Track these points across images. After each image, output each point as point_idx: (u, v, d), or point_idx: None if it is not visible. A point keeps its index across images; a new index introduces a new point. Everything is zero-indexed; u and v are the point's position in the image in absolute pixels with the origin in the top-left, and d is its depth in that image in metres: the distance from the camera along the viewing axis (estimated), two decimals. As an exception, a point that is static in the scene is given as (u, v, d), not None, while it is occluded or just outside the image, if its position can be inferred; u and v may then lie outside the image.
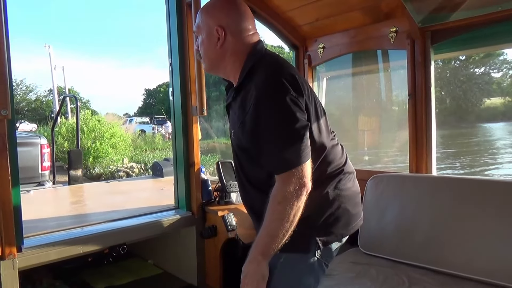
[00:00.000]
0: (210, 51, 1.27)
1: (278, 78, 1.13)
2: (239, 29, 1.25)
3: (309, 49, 2.72)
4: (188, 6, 2.02)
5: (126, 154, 13.53)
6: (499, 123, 25.78)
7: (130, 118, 28.55)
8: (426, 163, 2.13)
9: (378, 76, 2.95)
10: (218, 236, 2.01)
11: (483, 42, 2.03)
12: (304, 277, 1.22)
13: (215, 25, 1.23)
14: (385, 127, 3.24)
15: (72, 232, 1.78)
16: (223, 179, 2.15)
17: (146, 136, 20.29)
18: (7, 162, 1.46)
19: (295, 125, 1.10)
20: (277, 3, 2.44)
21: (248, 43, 1.26)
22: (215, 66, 1.31)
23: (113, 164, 12.13)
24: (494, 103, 29.20)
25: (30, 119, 27.97)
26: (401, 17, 2.14)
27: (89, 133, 12.74)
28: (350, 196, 1.28)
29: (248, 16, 1.28)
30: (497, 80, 29.76)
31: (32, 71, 60.19)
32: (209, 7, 1.28)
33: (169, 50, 2.13)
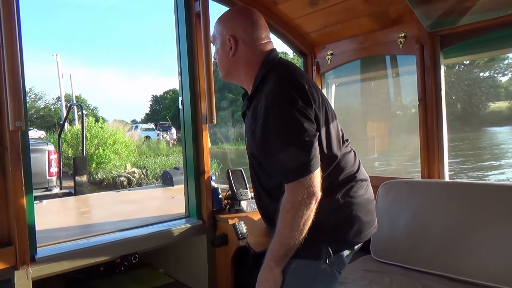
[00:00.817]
0: (224, 60, 1.32)
1: (287, 88, 1.15)
2: (251, 39, 1.29)
3: (317, 56, 2.72)
4: (197, 15, 2.04)
5: (129, 160, 13.84)
6: (504, 127, 25.87)
7: (136, 124, 29.03)
8: (438, 168, 2.11)
9: (386, 82, 2.94)
10: (229, 244, 2.01)
11: (493, 45, 2.02)
12: (315, 283, 1.22)
13: (228, 35, 1.28)
14: (395, 133, 3.22)
15: (84, 242, 1.79)
16: (233, 187, 2.15)
17: (150, 142, 20.69)
18: (21, 173, 1.48)
19: (303, 135, 1.11)
20: (284, 10, 2.46)
21: (261, 52, 1.29)
22: (229, 74, 1.36)
23: (115, 170, 12.51)
24: (499, 106, 29.41)
25: (39, 126, 28.41)
26: (409, 22, 2.13)
27: (92, 140, 13.12)
28: (362, 203, 1.27)
29: (260, 25, 1.32)
30: (502, 84, 29.95)
31: (40, 79, 61.28)
32: (223, 17, 1.34)
33: (179, 59, 2.14)
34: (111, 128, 14.97)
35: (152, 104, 41.12)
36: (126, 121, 31.30)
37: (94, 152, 12.89)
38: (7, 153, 1.47)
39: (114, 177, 11.77)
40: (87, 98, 36.14)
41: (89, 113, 33.76)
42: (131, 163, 13.68)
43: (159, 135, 25.07)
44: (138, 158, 14.90)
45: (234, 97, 29.90)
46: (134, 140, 17.75)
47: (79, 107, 15.68)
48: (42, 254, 1.59)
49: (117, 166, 13.03)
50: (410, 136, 2.44)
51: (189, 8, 2.07)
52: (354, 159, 1.32)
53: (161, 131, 26.61)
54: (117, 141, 13.67)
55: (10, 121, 1.39)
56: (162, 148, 19.30)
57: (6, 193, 1.49)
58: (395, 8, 2.16)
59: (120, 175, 11.91)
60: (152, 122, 32.09)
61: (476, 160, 13.90)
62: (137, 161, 14.10)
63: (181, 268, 2.38)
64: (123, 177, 11.69)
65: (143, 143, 19.60)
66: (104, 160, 12.77)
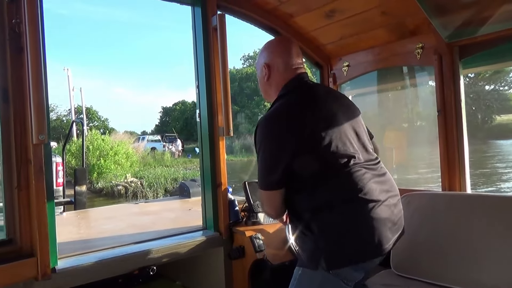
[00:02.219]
0: (261, 84, 1.56)
1: (273, 114, 1.39)
2: (283, 66, 1.48)
3: (334, 67, 2.72)
4: (214, 29, 2.07)
5: (130, 171, 14.68)
6: (510, 140, 25.94)
7: (143, 136, 29.67)
8: (459, 180, 2.06)
9: (404, 93, 2.91)
10: (246, 257, 2.00)
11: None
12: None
13: (264, 63, 1.51)
14: (414, 144, 3.17)
15: (102, 254, 1.80)
16: (250, 199, 2.14)
17: (155, 154, 21.49)
18: (43, 185, 1.52)
19: (269, 159, 1.35)
20: (301, 23, 2.47)
21: (288, 77, 1.47)
22: (266, 95, 1.57)
23: (115, 180, 13.36)
24: (505, 119, 29.91)
25: (51, 137, 28.98)
26: (427, 33, 2.12)
27: (94, 151, 14.23)
28: (364, 223, 1.26)
29: (292, 53, 1.50)
30: (509, 96, 30.62)
31: (52, 91, 62.98)
32: (263, 47, 1.56)
33: (196, 73, 2.17)
34: (115, 140, 16.09)
35: (162, 115, 41.72)
36: (136, 132, 32.59)
37: (96, 163, 13.85)
38: (30, 166, 1.51)
39: (113, 186, 12.68)
40: (98, 110, 37.04)
41: (100, 125, 34.64)
42: (132, 173, 14.44)
43: (165, 146, 25.64)
44: (141, 168, 15.67)
45: (239, 109, 30.12)
46: (139, 151, 18.82)
47: (79, 123, 16.54)
48: (63, 266, 1.62)
49: (118, 176, 13.86)
50: (429, 147, 2.40)
51: (207, 22, 2.11)
52: (365, 178, 1.30)
53: (167, 142, 27.14)
54: (118, 153, 14.67)
55: (33, 134, 1.43)
56: (167, 159, 20.12)
57: (29, 205, 1.52)
58: (412, 19, 2.15)
59: (118, 184, 12.81)
60: (158, 134, 32.65)
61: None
62: (138, 172, 14.89)
63: (198, 280, 2.37)
64: (121, 186, 12.60)
65: (148, 154, 20.35)
66: (105, 170, 13.70)
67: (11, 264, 1.46)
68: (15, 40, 1.51)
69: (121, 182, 13.18)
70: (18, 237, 1.53)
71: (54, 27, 48.18)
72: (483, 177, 12.72)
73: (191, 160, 21.33)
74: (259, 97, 32.61)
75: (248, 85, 32.79)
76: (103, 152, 14.28)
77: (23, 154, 1.53)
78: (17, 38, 1.51)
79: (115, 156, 14.52)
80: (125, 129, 34.44)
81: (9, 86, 1.52)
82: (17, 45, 1.51)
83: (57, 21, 51.13)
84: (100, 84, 65.48)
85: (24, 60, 1.49)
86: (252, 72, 35.68)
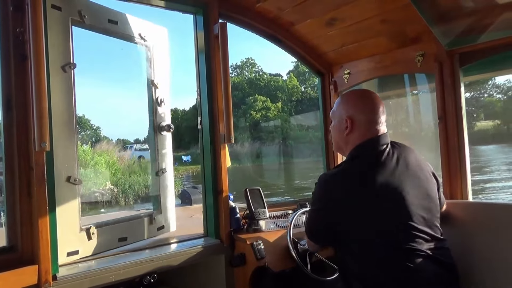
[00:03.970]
0: (338, 135, 1.55)
1: (324, 186, 1.48)
2: (366, 123, 1.49)
3: (335, 75, 2.74)
4: (216, 37, 2.09)
5: (112, 179, 15.69)
6: (490, 146, 28.03)
7: (130, 145, 29.92)
8: (461, 188, 2.05)
9: (405, 100, 2.91)
10: (247, 264, 1.99)
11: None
12: None
13: (347, 116, 1.49)
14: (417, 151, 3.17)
15: (103, 261, 1.81)
16: (251, 206, 2.14)
17: (141, 162, 21.84)
18: (45, 192, 1.53)
19: (315, 222, 1.56)
20: (302, 31, 2.49)
21: (365, 136, 1.49)
22: (339, 148, 1.60)
23: (95, 187, 14.41)
24: (485, 125, 32.35)
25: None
26: (427, 41, 2.13)
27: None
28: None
29: (378, 111, 1.50)
30: (486, 104, 33.69)
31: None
32: (347, 97, 1.57)
33: (198, 80, 2.19)
34: (97, 151, 17.64)
35: None
36: (129, 140, 33.14)
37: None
38: (32, 173, 1.52)
39: (90, 193, 13.67)
40: (90, 119, 37.12)
41: (92, 133, 34.82)
42: (112, 181, 15.48)
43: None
44: (121, 177, 16.47)
45: (236, 120, 30.32)
46: (124, 160, 20.05)
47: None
48: (64, 273, 1.62)
49: (97, 184, 14.78)
50: (431, 155, 2.39)
51: (208, 30, 2.12)
52: (406, 256, 1.39)
53: None
54: (98, 162, 15.72)
55: (36, 142, 1.44)
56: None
57: (31, 212, 1.53)
58: (412, 27, 2.16)
59: (96, 191, 14.05)
60: (146, 143, 33.09)
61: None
62: (117, 180, 15.86)
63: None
64: (98, 193, 13.96)
65: (134, 163, 20.97)
66: (85, 179, 14.26)
67: (12, 271, 1.46)
68: (19, 48, 1.53)
69: (99, 189, 14.29)
70: (19, 244, 1.53)
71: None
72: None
73: (176, 168, 21.58)
74: (245, 106, 32.79)
75: (235, 94, 33.05)
76: (83, 162, 14.97)
77: (25, 161, 1.54)
78: (21, 46, 1.53)
79: (95, 166, 15.50)
80: (118, 137, 34.76)
81: (12, 94, 1.53)
82: (21, 53, 1.53)
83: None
84: (94, 91, 65.56)
85: (28, 68, 1.50)
86: (239, 82, 35.83)
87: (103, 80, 64.36)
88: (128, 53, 2.20)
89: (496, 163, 20.00)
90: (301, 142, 29.17)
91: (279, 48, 2.59)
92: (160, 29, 2.28)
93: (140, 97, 2.22)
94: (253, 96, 34.05)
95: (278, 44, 2.54)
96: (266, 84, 36.44)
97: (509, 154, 24.75)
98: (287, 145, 29.67)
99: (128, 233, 2.04)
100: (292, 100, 36.78)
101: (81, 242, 1.81)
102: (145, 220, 2.14)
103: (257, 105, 33.00)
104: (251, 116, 32.09)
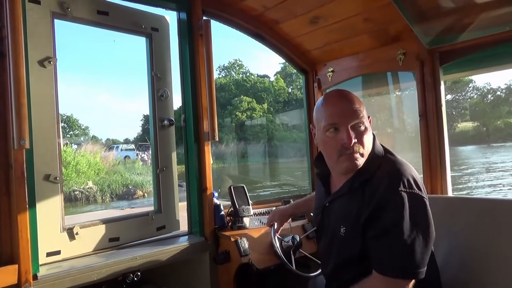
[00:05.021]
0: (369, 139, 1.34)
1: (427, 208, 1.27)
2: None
3: (319, 73, 2.76)
4: (200, 35, 2.08)
5: (94, 178, 16.48)
6: (470, 146, 29.32)
7: (116, 145, 30.27)
8: (441, 183, 2.10)
9: (388, 98, 2.95)
10: (232, 261, 2.00)
11: (492, 62, 2.04)
12: None
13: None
14: (398, 148, 3.22)
15: (86, 259, 1.79)
16: (236, 204, 2.15)
17: (126, 162, 22.76)
18: (25, 191, 1.50)
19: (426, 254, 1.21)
20: (286, 29, 2.50)
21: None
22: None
23: (76, 186, 15.45)
24: (466, 126, 33.70)
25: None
26: (409, 40, 2.16)
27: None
28: None
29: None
30: (466, 106, 35.10)
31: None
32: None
33: (182, 78, 2.18)
34: (79, 151, 18.58)
35: (144, 123, 41.59)
36: (119, 140, 33.87)
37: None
38: (12, 171, 1.49)
39: (71, 191, 14.81)
40: (79, 118, 36.88)
41: (80, 133, 34.56)
42: (94, 180, 16.21)
43: (138, 155, 26.45)
44: (103, 176, 17.11)
45: (222, 120, 30.37)
46: (109, 160, 20.61)
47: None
48: (44, 272, 1.60)
49: (79, 182, 15.71)
50: (413, 152, 2.44)
51: (192, 28, 2.11)
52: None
53: (140, 151, 27.90)
54: (80, 162, 16.56)
55: (15, 140, 1.41)
56: (137, 167, 21.35)
57: (10, 211, 1.50)
58: (394, 26, 2.19)
59: (75, 190, 15.11)
60: (139, 142, 33.42)
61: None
62: (99, 179, 16.50)
63: (183, 285, 2.36)
64: (78, 191, 15.04)
65: (119, 163, 21.67)
66: (66, 178, 15.01)
67: (-9, 271, 1.44)
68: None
69: (79, 188, 15.28)
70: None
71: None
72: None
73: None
74: (231, 106, 32.85)
75: (222, 95, 33.00)
76: (64, 162, 15.50)
77: (4, 159, 1.51)
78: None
79: (77, 166, 16.33)
80: (107, 137, 34.67)
81: (-10, 91, 1.50)
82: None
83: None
84: (83, 90, 64.21)
85: (6, 65, 1.47)
86: (226, 83, 35.85)
87: (94, 76, 63.10)
88: (123, 44, 2.13)
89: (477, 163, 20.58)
90: (286, 142, 29.32)
91: (266, 47, 2.60)
92: (160, 17, 2.17)
93: (134, 93, 2.15)
94: (239, 97, 34.05)
95: (262, 41, 2.54)
96: (252, 85, 36.43)
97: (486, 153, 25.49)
98: (272, 146, 29.79)
99: (121, 233, 1.99)
100: (279, 101, 36.84)
101: (62, 242, 1.78)
102: (142, 220, 2.08)
103: (243, 106, 32.99)
104: (236, 117, 32.12)
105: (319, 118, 1.34)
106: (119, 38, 72.76)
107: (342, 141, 1.26)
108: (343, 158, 1.28)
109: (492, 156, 23.88)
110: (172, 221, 2.21)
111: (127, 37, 2.76)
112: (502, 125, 32.82)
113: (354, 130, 1.28)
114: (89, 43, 61.35)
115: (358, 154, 1.27)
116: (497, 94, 35.10)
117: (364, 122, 1.30)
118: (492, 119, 33.13)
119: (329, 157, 1.35)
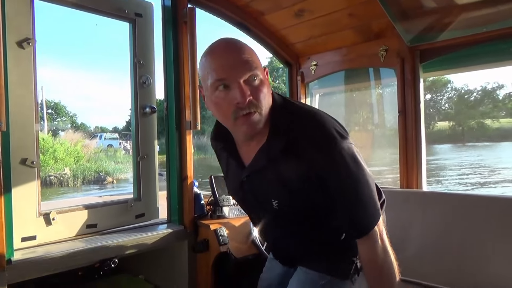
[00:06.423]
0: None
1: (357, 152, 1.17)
2: None
3: (302, 66, 2.77)
4: (184, 23, 2.06)
5: (72, 165, 17.53)
6: (446, 145, 30.73)
7: (100, 134, 30.82)
8: (416, 178, 2.16)
9: (369, 93, 3.00)
10: (210, 250, 2.01)
11: (468, 61, 2.10)
12: None
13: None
14: (377, 143, 3.29)
15: (62, 245, 1.77)
16: (216, 193, 2.15)
17: (108, 150, 23.56)
18: (0, 174, 1.47)
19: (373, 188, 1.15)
20: (271, 21, 2.50)
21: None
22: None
23: (53, 172, 16.51)
24: (443, 125, 35.68)
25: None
26: (391, 37, 2.20)
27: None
28: None
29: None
30: (443, 105, 37.04)
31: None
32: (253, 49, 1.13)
33: (165, 66, 2.16)
34: (62, 139, 19.96)
35: (131, 112, 41.07)
36: (108, 128, 34.24)
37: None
38: (-14, 154, 1.46)
39: (47, 176, 15.86)
40: (66, 105, 36.33)
41: (68, 120, 33.98)
42: (71, 167, 17.23)
43: (121, 144, 27.14)
44: (81, 163, 18.21)
45: (205, 112, 30.32)
46: (90, 148, 21.73)
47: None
48: (19, 257, 1.57)
49: (55, 168, 16.72)
50: (391, 147, 2.50)
51: (176, 15, 2.09)
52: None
53: (123, 140, 28.52)
54: (57, 150, 17.51)
55: (-9, 121, 1.38)
56: (119, 156, 22.20)
57: (-16, 194, 1.47)
58: (377, 23, 2.23)
59: (51, 175, 16.22)
60: (123, 131, 33.91)
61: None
62: (76, 167, 17.49)
63: (161, 274, 2.36)
64: (53, 176, 16.24)
65: (101, 151, 22.56)
66: (43, 163, 16.06)
67: (-37, 255, 1.41)
68: (-27, 23, 1.45)
69: (54, 173, 16.37)
70: (-29, 228, 1.47)
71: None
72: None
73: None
74: None
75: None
76: (42, 149, 16.17)
77: (-21, 141, 1.47)
78: (-25, 20, 1.45)
79: (54, 153, 17.28)
80: (96, 125, 34.35)
81: (-35, 70, 1.45)
82: (-25, 28, 1.45)
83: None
84: (71, 76, 62.68)
85: (-18, 44, 1.43)
86: None
87: (79, 61, 61.06)
88: (105, 29, 2.10)
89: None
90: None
91: (253, 40, 2.59)
92: (144, 3, 2.14)
93: (122, 80, 2.12)
94: (223, 89, 34.13)
95: (246, 32, 2.54)
96: (238, 78, 36.47)
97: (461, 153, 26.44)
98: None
99: (98, 220, 1.98)
100: (265, 94, 37.24)
101: (38, 228, 1.75)
102: (120, 207, 2.07)
103: (226, 98, 33.12)
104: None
105: (205, 75, 1.06)
106: (103, 22, 71.15)
107: (235, 101, 1.02)
108: (240, 122, 1.04)
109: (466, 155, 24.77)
110: (151, 209, 2.20)
111: (111, 22, 2.63)
112: (476, 125, 34.39)
113: (248, 85, 1.02)
114: (75, 27, 59.59)
115: (257, 113, 1.04)
116: (474, 96, 36.39)
117: (259, 74, 1.04)
118: (467, 120, 34.58)
119: (225, 123, 1.11)
